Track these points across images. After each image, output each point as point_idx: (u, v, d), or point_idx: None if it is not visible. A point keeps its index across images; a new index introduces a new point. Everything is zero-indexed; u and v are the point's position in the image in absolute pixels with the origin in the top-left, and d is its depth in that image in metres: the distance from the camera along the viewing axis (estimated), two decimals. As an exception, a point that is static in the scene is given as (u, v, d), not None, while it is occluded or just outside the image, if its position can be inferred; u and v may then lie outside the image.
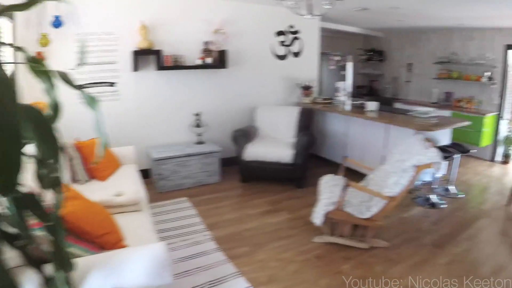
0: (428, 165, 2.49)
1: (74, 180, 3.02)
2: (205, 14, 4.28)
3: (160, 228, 2.99)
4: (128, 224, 2.10)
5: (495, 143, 5.30)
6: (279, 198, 3.77)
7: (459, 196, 3.85)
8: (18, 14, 3.21)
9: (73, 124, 3.79)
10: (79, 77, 3.82)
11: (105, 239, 1.77)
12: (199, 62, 4.21)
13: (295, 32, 4.99)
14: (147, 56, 4.02)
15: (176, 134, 4.42)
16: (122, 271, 1.36)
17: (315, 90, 5.23)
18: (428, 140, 2.73)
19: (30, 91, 3.32)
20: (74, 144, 3.12)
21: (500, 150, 5.28)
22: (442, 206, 3.56)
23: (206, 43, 4.26)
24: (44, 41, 3.43)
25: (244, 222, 3.22)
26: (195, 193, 3.89)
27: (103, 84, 3.95)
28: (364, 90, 7.27)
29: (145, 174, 3.98)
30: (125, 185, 2.77)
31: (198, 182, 4.10)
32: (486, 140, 5.21)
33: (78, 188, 2.78)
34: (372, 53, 7.15)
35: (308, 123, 4.52)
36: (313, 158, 4.83)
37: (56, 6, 3.47)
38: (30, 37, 3.47)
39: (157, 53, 3.97)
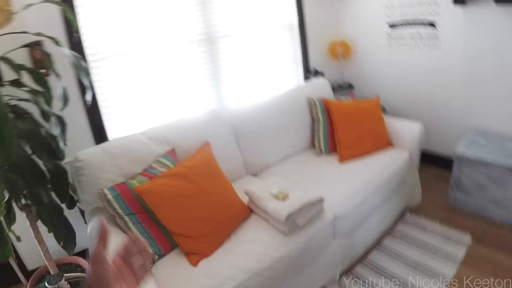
0: None
1: (313, 145, 2.41)
2: None
3: (373, 266, 1.89)
4: (244, 244, 1.48)
5: None
6: None
7: None
8: None
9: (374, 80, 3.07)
10: (389, 12, 2.87)
11: (181, 241, 1.43)
12: None
13: None
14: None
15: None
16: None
17: None
18: None
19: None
20: (324, 102, 2.40)
21: None
22: None
23: None
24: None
25: None
26: (494, 236, 2.06)
27: (420, 25, 2.70)
28: None
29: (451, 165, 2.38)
30: (343, 182, 1.91)
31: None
32: None
33: (303, 158, 2.29)
34: None
35: None
36: None
37: None
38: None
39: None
